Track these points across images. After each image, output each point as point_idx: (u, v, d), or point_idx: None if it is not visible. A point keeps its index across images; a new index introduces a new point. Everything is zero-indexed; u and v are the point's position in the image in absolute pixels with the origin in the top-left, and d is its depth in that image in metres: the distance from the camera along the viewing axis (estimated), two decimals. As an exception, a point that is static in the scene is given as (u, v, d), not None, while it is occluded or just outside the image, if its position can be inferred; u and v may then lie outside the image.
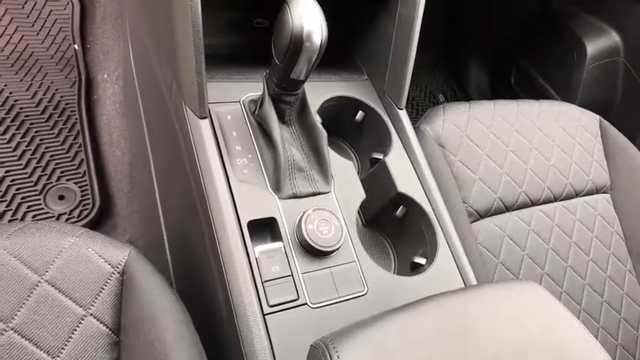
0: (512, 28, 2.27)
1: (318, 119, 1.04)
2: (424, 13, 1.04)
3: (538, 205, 1.37)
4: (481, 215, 1.25)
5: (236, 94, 0.98)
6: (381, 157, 1.04)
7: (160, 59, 1.05)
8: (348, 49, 1.25)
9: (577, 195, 1.45)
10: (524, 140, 1.39)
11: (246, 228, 0.81)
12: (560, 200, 1.42)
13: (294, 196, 0.89)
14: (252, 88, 1.00)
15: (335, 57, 1.21)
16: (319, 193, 0.91)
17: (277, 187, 0.88)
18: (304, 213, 0.83)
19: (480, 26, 2.37)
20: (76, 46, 1.74)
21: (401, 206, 1.02)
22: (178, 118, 0.94)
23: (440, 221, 1.00)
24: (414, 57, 1.06)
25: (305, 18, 0.76)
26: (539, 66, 2.13)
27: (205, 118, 0.89)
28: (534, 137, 1.42)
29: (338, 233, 0.83)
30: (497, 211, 1.29)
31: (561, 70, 2.00)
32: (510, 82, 2.32)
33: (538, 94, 2.11)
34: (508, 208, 1.30)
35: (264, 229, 0.85)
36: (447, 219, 1.01)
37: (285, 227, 0.83)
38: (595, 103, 1.92)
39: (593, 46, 1.92)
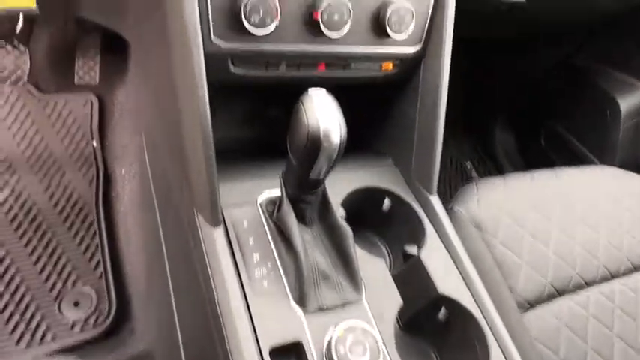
0: (536, 87, 2.20)
1: (342, 213, 0.95)
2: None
3: (595, 285, 1.22)
4: (532, 304, 1.11)
5: (252, 194, 0.91)
6: (415, 252, 0.93)
7: (171, 160, 1.00)
8: (369, 133, 1.18)
9: (636, 269, 1.30)
10: (568, 213, 1.27)
11: (267, 357, 0.70)
12: (619, 277, 1.26)
13: (321, 309, 0.78)
14: (270, 184, 0.93)
15: (355, 142, 1.15)
16: (349, 303, 0.80)
17: (301, 300, 0.78)
18: (334, 334, 0.72)
19: (502, 87, 2.32)
20: (94, 143, 1.74)
21: (443, 307, 0.90)
22: (189, 224, 0.86)
23: (488, 321, 0.87)
24: (441, 141, 0.98)
25: (321, 116, 0.69)
26: (571, 127, 2.03)
27: (218, 225, 0.82)
28: (578, 208, 1.30)
29: (375, 354, 0.72)
30: (550, 298, 1.14)
31: (595, 131, 1.90)
32: (540, 144, 2.22)
33: (573, 156, 2.00)
34: (561, 293, 1.16)
35: (288, 354, 0.74)
36: (495, 318, 0.89)
37: (312, 352, 0.72)
38: (636, 163, 1.80)
39: (626, 103, 1.82)
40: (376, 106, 1.14)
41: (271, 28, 0.80)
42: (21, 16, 1.55)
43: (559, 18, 1.58)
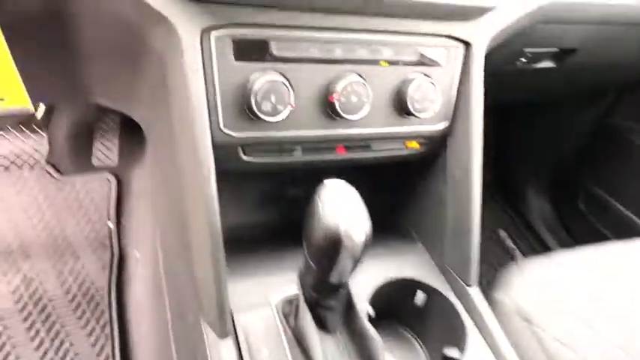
0: (571, 147, 2.08)
1: (369, 310, 0.84)
2: None
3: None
4: (597, 411, 0.95)
5: (267, 292, 0.81)
6: (456, 357, 0.81)
7: (178, 254, 0.92)
8: (395, 211, 1.09)
9: None
10: (629, 297, 1.12)
11: None
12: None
13: None
14: (287, 279, 0.82)
15: (379, 222, 1.05)
16: None
17: None
18: None
19: (534, 147, 2.20)
20: (110, 225, 1.69)
21: None
22: (196, 332, 0.76)
23: None
24: (478, 224, 0.88)
25: (341, 213, 0.60)
26: (612, 189, 1.89)
27: (227, 337, 0.71)
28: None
29: None
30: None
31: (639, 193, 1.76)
32: (579, 208, 2.07)
33: (616, 220, 1.84)
34: (631, 395, 0.99)
35: None
36: None
37: None
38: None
39: (671, 164, 1.69)
40: (401, 182, 1.05)
41: (284, 114, 0.73)
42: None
43: (592, 79, 1.50)
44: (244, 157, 0.78)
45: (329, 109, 0.78)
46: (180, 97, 0.69)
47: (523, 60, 1.16)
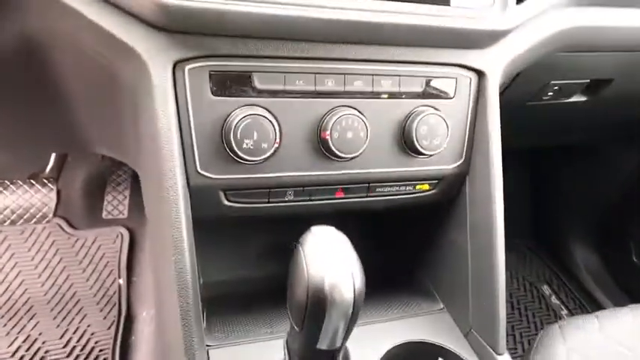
0: (616, 190, 1.89)
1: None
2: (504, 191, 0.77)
3: None
4: None
5: (255, 360, 0.70)
6: None
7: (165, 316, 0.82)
8: (410, 264, 0.96)
9: None
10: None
11: None
12: None
13: None
14: (275, 346, 0.71)
15: (391, 277, 0.93)
16: None
17: None
18: None
19: (575, 192, 2.02)
20: (120, 281, 1.62)
21: None
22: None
23: None
24: (503, 279, 0.75)
25: (326, 264, 0.51)
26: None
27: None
28: None
29: None
30: None
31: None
32: (631, 259, 1.86)
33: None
34: None
35: None
36: None
37: None
38: None
39: None
40: (416, 230, 0.93)
41: (269, 153, 0.65)
42: (52, 156, 1.55)
43: (632, 112, 1.36)
44: (226, 203, 0.69)
45: (322, 148, 0.69)
46: (149, 137, 0.62)
47: (550, 94, 1.05)
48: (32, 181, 1.53)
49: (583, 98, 1.11)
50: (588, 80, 1.04)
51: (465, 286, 0.81)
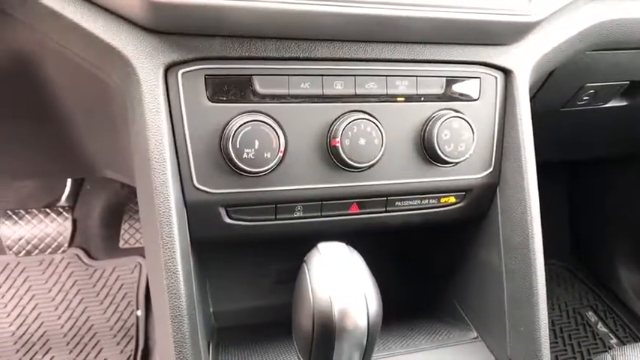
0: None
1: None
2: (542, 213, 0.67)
3: None
4: None
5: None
6: None
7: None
8: (435, 285, 0.87)
9: None
10: None
11: None
12: None
13: None
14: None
15: (418, 301, 0.84)
16: None
17: None
18: None
19: (621, 211, 1.87)
20: (139, 312, 1.57)
21: None
22: None
23: None
24: (545, 306, 0.65)
25: (334, 286, 0.44)
26: None
27: None
28: None
29: None
30: None
31: None
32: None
33: None
34: None
35: None
36: None
37: None
38: None
39: None
40: (440, 246, 0.84)
41: (273, 164, 0.59)
42: (68, 183, 1.54)
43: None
44: (227, 220, 0.62)
45: (333, 157, 0.62)
46: (140, 149, 0.57)
47: (585, 98, 0.96)
48: (47, 210, 1.52)
49: (623, 103, 1.02)
50: (628, 82, 0.94)
51: (500, 312, 0.72)
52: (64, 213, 1.53)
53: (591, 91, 0.94)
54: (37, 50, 0.63)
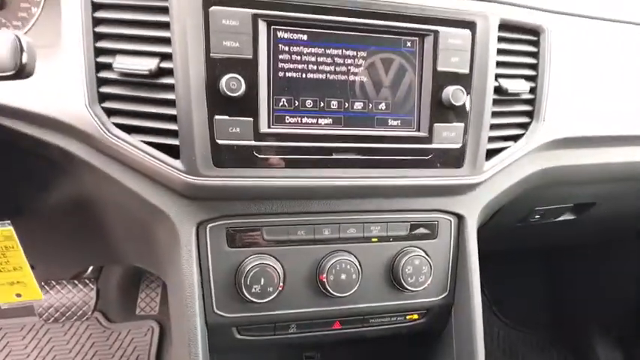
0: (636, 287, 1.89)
1: None
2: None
3: None
4: None
5: None
6: None
7: None
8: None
9: None
10: None
11: None
12: None
13: None
14: None
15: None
16: None
17: None
18: None
19: (597, 294, 2.01)
20: (151, 375, 1.72)
21: None
22: None
23: None
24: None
25: None
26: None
27: None
28: None
29: None
30: None
31: None
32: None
33: None
34: None
35: None
36: None
37: None
38: None
39: None
40: (409, 357, 1.02)
41: (273, 295, 0.78)
42: (95, 258, 1.73)
43: (624, 224, 1.43)
44: (238, 336, 0.81)
45: (320, 287, 0.81)
46: (176, 282, 0.76)
47: (537, 217, 1.15)
48: (75, 281, 1.70)
49: (572, 217, 1.21)
50: (572, 204, 1.14)
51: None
52: (90, 284, 1.72)
53: (541, 212, 1.13)
54: (97, 196, 0.83)
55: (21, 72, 0.54)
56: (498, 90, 0.81)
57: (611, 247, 1.90)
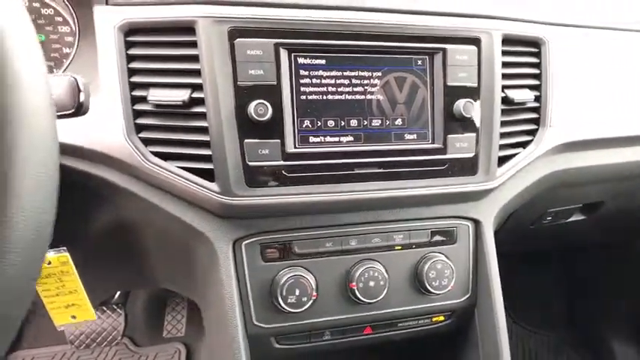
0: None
1: None
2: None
3: None
4: None
5: None
6: None
7: None
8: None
9: None
10: None
11: None
12: None
13: None
14: None
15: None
16: None
17: None
18: None
19: (613, 291, 2.03)
20: (179, 397, 1.75)
21: None
22: None
23: None
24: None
25: None
26: None
27: None
28: None
29: None
30: None
31: None
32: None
33: None
34: None
35: None
36: None
37: None
38: None
39: None
40: (438, 357, 1.06)
41: (308, 305, 0.82)
42: (122, 283, 1.78)
43: (636, 220, 1.47)
44: (276, 346, 0.86)
45: (351, 295, 0.86)
46: (216, 299, 0.81)
47: (549, 218, 1.20)
48: (104, 307, 1.75)
49: (582, 217, 1.25)
50: (581, 205, 1.19)
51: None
52: (118, 310, 1.77)
53: (552, 213, 1.18)
54: (136, 221, 0.89)
55: (79, 110, 0.60)
56: (505, 100, 0.86)
57: (623, 248, 1.92)
